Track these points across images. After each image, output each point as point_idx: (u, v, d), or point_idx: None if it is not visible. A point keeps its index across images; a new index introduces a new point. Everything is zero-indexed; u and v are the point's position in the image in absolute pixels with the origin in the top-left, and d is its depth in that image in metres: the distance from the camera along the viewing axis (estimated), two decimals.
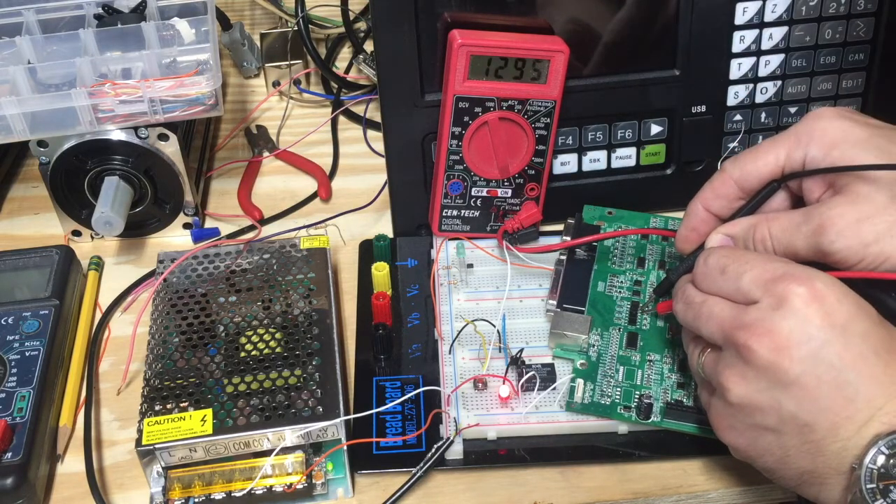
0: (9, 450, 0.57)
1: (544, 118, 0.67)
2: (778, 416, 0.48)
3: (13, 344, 0.63)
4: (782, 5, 0.68)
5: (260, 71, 0.95)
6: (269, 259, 0.67)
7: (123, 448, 0.62)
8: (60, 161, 0.71)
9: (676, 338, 0.63)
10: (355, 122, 0.90)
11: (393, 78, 0.67)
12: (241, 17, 1.03)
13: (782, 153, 0.54)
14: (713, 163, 0.74)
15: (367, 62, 0.89)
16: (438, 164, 0.68)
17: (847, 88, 0.73)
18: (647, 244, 0.70)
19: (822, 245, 0.50)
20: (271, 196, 0.82)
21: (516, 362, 0.62)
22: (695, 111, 0.72)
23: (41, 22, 0.78)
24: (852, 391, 0.46)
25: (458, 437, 0.58)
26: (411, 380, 0.63)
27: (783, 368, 0.47)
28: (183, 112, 0.70)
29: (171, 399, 0.57)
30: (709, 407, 0.53)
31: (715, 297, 0.52)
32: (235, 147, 0.88)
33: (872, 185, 0.50)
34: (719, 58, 0.70)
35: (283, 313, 0.63)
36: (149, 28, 0.76)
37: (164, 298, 0.64)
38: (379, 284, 0.68)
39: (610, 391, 0.60)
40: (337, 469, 0.58)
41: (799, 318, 0.47)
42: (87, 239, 0.77)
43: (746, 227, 0.54)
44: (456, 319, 0.66)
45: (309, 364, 0.59)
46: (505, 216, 0.71)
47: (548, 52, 0.64)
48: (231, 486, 0.57)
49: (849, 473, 0.46)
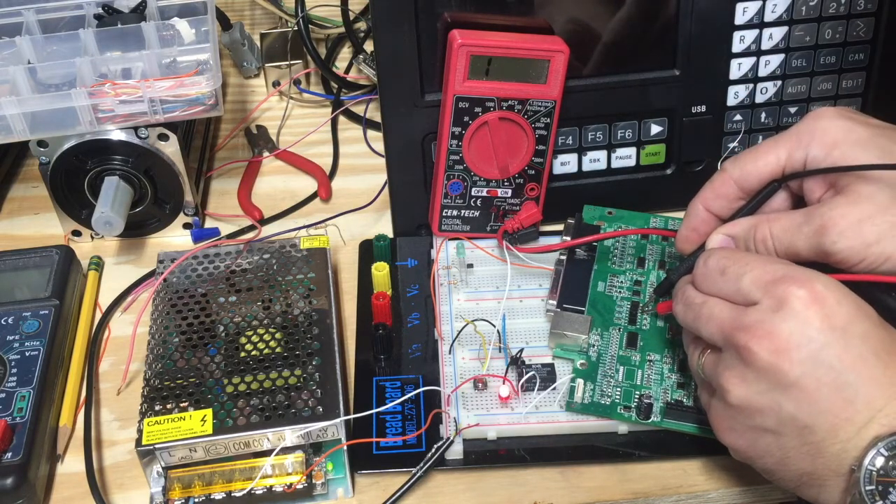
0: (9, 450, 0.57)
1: (544, 118, 0.67)
2: (777, 418, 0.48)
3: (13, 344, 0.63)
4: (782, 5, 0.68)
5: (260, 71, 0.95)
6: (269, 259, 0.67)
7: (123, 448, 0.62)
8: (60, 161, 0.71)
9: (676, 338, 0.63)
10: (355, 122, 0.90)
11: (393, 78, 0.67)
12: (241, 17, 1.03)
13: (783, 153, 0.54)
14: (713, 163, 0.74)
15: (367, 62, 0.89)
16: (438, 164, 0.68)
17: (847, 88, 0.73)
18: (647, 244, 0.70)
19: (824, 245, 0.50)
20: (271, 196, 0.82)
21: (516, 362, 0.62)
22: (695, 111, 0.72)
23: (41, 22, 0.78)
24: (852, 393, 0.46)
25: (458, 437, 0.58)
26: (411, 380, 0.63)
27: (783, 370, 0.47)
28: (183, 112, 0.70)
29: (171, 399, 0.57)
30: (709, 408, 0.53)
31: (715, 299, 0.52)
32: (235, 147, 0.88)
33: (874, 185, 0.50)
34: (719, 58, 0.70)
35: (283, 313, 0.63)
36: (149, 28, 0.76)
37: (164, 298, 0.64)
38: (379, 284, 0.68)
39: (610, 391, 0.60)
40: (337, 469, 0.58)
41: (799, 320, 0.47)
42: (87, 239, 0.77)
43: (747, 227, 0.54)
44: (456, 319, 0.66)
45: (309, 364, 0.59)
46: (505, 216, 0.71)
47: (548, 52, 0.64)
48: (231, 486, 0.57)
49: (848, 475, 0.46)
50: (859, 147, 0.51)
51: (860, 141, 0.52)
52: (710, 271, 0.52)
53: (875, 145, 0.51)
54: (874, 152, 0.51)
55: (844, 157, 0.52)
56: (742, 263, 0.51)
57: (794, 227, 0.52)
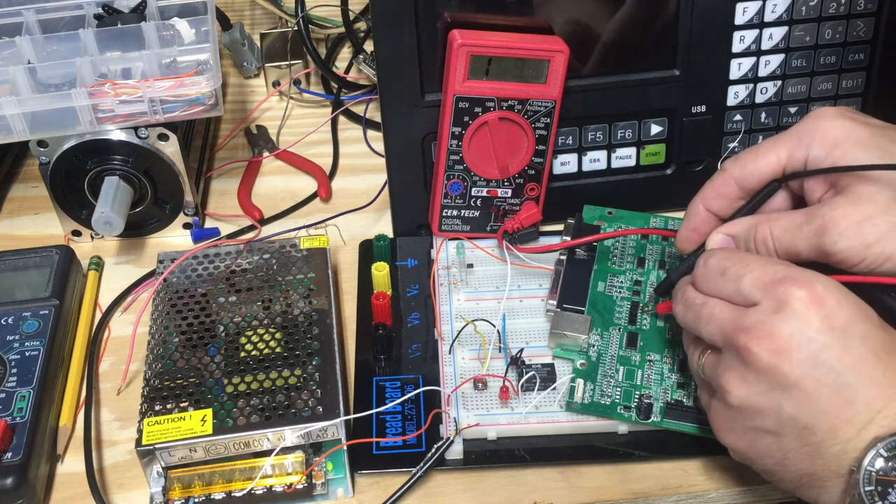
0: (9, 450, 0.57)
1: (544, 118, 0.67)
2: (777, 419, 0.48)
3: (13, 344, 0.63)
4: (782, 5, 0.68)
5: (260, 71, 0.95)
6: (269, 259, 0.67)
7: (123, 448, 0.62)
8: (60, 161, 0.71)
9: (676, 338, 0.63)
10: (355, 122, 0.90)
11: (393, 78, 0.67)
12: (241, 17, 1.03)
13: (784, 153, 0.54)
14: (713, 163, 0.74)
15: (367, 62, 0.89)
16: (438, 164, 0.68)
17: (847, 88, 0.73)
18: (647, 244, 0.70)
19: (824, 245, 0.50)
20: (271, 196, 0.82)
21: (516, 362, 0.62)
22: (695, 111, 0.72)
23: (41, 22, 0.78)
24: (852, 394, 0.46)
25: (458, 437, 0.58)
26: (411, 380, 0.63)
27: (783, 371, 0.47)
28: (183, 112, 0.70)
29: (171, 399, 0.57)
30: (709, 409, 0.53)
31: (715, 299, 0.52)
32: (235, 147, 0.88)
33: (874, 186, 0.50)
34: (719, 58, 0.70)
35: (283, 313, 0.63)
36: (149, 28, 0.76)
37: (164, 298, 0.64)
38: (379, 284, 0.68)
39: (610, 391, 0.60)
40: (337, 469, 0.58)
41: (799, 321, 0.47)
42: (87, 239, 0.77)
43: (747, 226, 0.54)
44: (456, 319, 0.66)
45: (309, 364, 0.59)
46: (505, 216, 0.71)
47: (548, 52, 0.64)
48: (231, 486, 0.57)
49: (847, 476, 0.46)
50: (860, 147, 0.51)
51: (861, 141, 0.52)
52: (711, 272, 0.52)
53: (876, 145, 0.51)
54: (875, 152, 0.51)
55: (845, 158, 0.52)
56: (742, 264, 0.51)
57: (795, 226, 0.52)
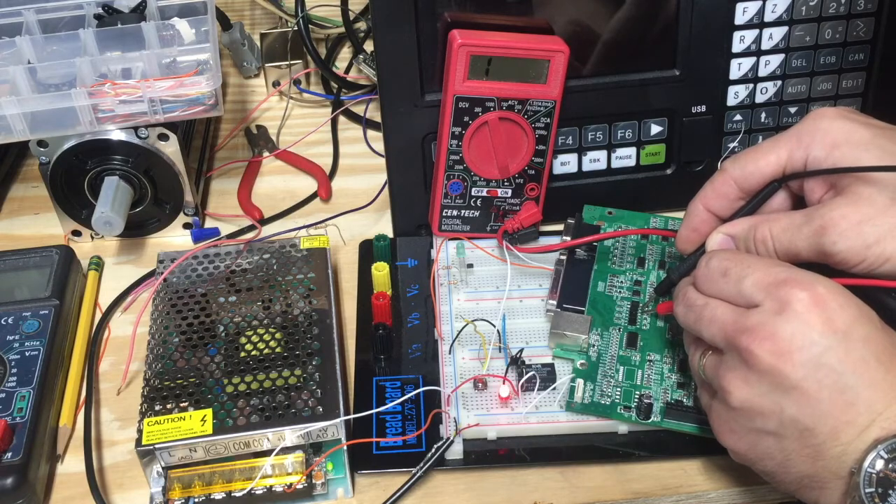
0: (9, 450, 0.57)
1: (544, 118, 0.67)
2: (779, 421, 0.48)
3: (13, 344, 0.63)
4: (782, 5, 0.68)
5: (260, 71, 0.95)
6: (269, 259, 0.67)
7: (123, 448, 0.62)
8: (60, 161, 0.71)
9: (676, 338, 0.63)
10: (355, 122, 0.90)
11: (393, 78, 0.67)
12: (241, 17, 1.03)
13: (784, 153, 0.54)
14: (713, 163, 0.74)
15: (367, 62, 0.89)
16: (438, 164, 0.68)
17: (847, 88, 0.73)
18: (647, 244, 0.70)
19: (824, 246, 0.50)
20: (271, 196, 0.81)
21: (516, 362, 0.62)
22: (695, 111, 0.72)
23: (41, 22, 0.78)
24: (853, 396, 0.46)
25: (458, 437, 0.58)
26: (411, 380, 0.63)
27: (784, 373, 0.47)
28: (183, 112, 0.70)
29: (171, 399, 0.57)
30: (709, 410, 0.53)
31: (716, 301, 0.52)
32: (235, 147, 0.88)
33: (874, 187, 0.50)
34: (719, 58, 0.70)
35: (283, 313, 0.63)
36: (149, 28, 0.76)
37: (164, 298, 0.64)
38: (379, 284, 0.68)
39: (610, 391, 0.60)
40: (337, 469, 0.58)
41: (801, 323, 0.47)
42: (87, 239, 0.77)
43: (747, 227, 0.54)
44: (456, 319, 0.66)
45: (309, 364, 0.59)
46: (505, 216, 0.71)
47: (548, 52, 0.64)
48: (231, 486, 0.57)
49: (848, 478, 0.46)
50: (860, 148, 0.51)
51: (861, 142, 0.52)
52: (712, 273, 0.52)
53: (876, 146, 0.51)
54: (875, 153, 0.51)
55: (845, 158, 0.52)
56: (744, 265, 0.51)
57: (795, 227, 0.52)
